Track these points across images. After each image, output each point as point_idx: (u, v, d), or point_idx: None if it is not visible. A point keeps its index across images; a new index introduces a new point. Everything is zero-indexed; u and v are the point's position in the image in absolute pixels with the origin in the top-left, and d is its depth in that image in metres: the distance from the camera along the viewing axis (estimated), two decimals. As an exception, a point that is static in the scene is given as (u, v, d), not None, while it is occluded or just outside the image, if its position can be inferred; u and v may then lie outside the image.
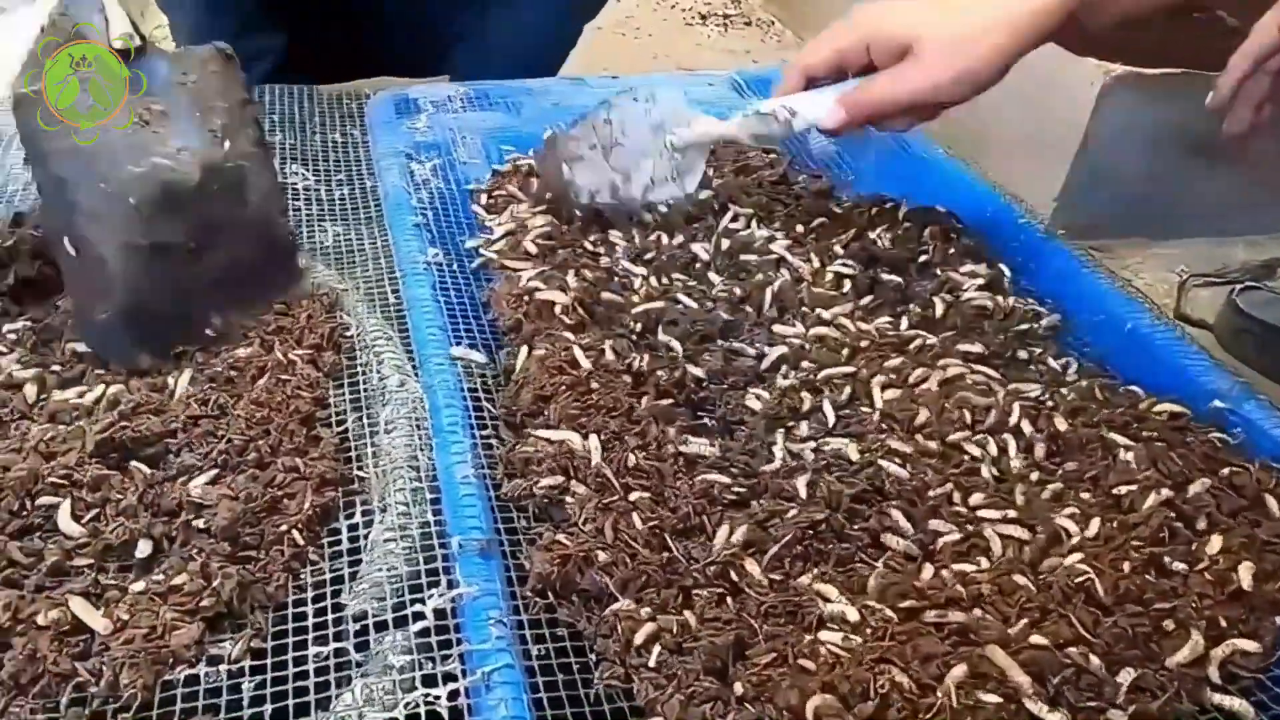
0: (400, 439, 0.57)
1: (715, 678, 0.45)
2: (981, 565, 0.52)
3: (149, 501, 0.52)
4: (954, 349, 0.67)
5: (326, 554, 0.51)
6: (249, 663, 0.45)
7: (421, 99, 0.96)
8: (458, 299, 0.71)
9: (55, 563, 0.48)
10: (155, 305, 0.61)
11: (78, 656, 0.44)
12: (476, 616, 0.47)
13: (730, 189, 0.83)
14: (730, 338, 0.68)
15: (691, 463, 0.56)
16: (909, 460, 0.58)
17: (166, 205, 0.60)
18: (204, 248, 0.62)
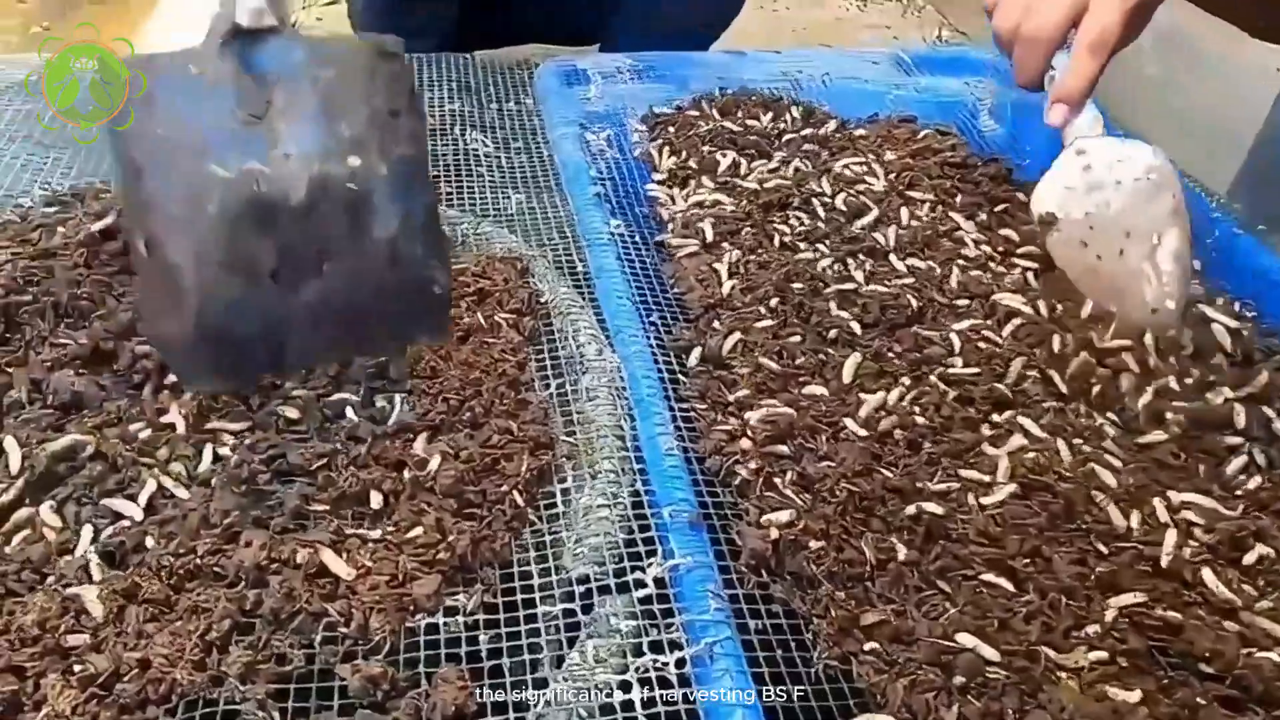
0: (603, 407, 0.58)
1: (940, 670, 0.45)
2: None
3: (376, 454, 0.54)
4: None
5: (544, 516, 0.53)
6: (483, 616, 0.47)
7: (590, 69, 0.97)
8: (642, 270, 0.72)
9: (296, 507, 0.51)
10: (237, 330, 0.53)
11: (326, 598, 0.46)
12: (694, 588, 0.48)
13: (912, 172, 0.82)
14: (919, 324, 0.67)
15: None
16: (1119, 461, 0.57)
17: (255, 221, 0.51)
18: (302, 278, 0.53)
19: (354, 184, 0.53)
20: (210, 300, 0.52)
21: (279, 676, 0.44)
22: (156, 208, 0.52)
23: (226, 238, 0.51)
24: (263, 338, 0.54)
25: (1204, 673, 0.46)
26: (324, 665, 0.44)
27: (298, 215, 0.51)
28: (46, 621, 0.44)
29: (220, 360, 0.54)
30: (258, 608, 0.46)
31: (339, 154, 0.53)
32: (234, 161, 0.51)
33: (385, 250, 0.55)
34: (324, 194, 0.52)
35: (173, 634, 0.44)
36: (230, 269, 0.51)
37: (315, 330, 0.55)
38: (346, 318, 0.55)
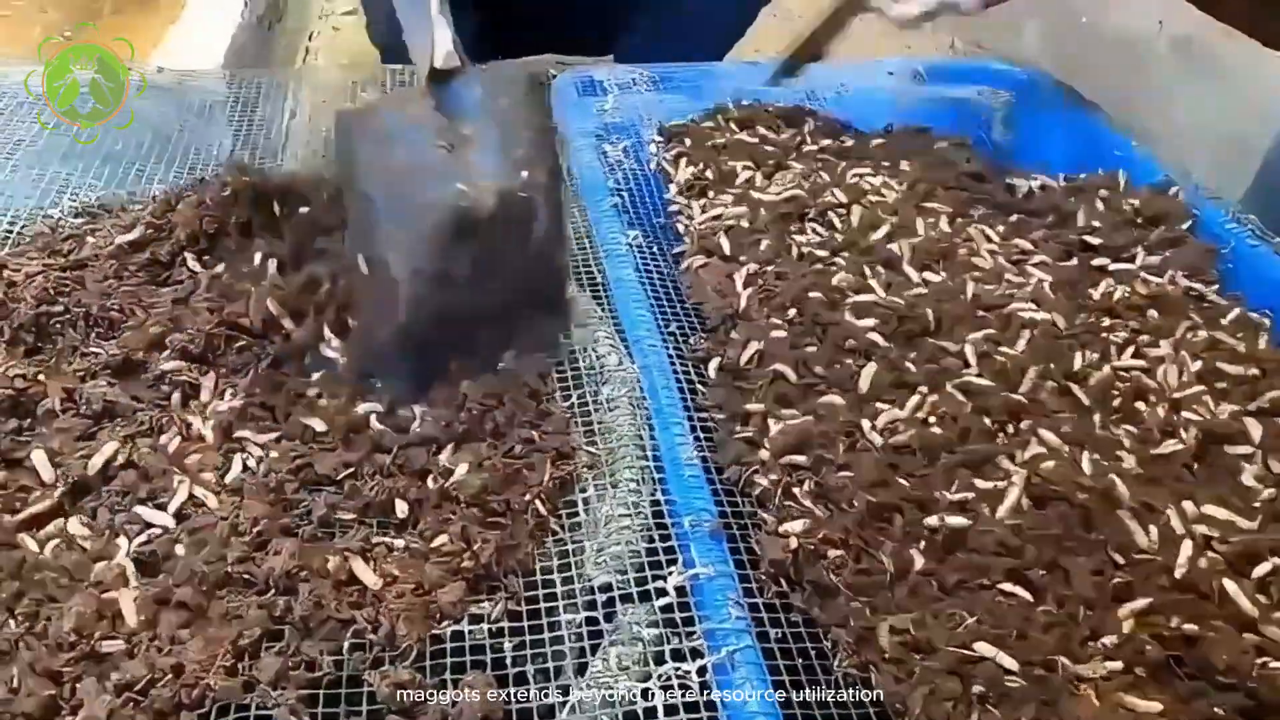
0: (623, 417, 0.59)
1: (959, 679, 0.46)
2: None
3: (401, 464, 0.55)
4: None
5: (566, 524, 0.54)
6: (507, 624, 0.48)
7: (606, 80, 0.98)
8: (660, 281, 0.72)
9: (323, 516, 0.52)
10: (434, 334, 0.60)
11: (354, 606, 0.47)
12: (714, 596, 0.49)
13: (928, 183, 0.82)
14: (936, 335, 0.67)
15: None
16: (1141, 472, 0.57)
17: (458, 234, 0.58)
18: (486, 279, 0.60)
19: (524, 193, 0.60)
20: (417, 308, 0.59)
21: (309, 683, 0.45)
22: (381, 231, 0.60)
23: (436, 251, 0.58)
24: (451, 340, 0.61)
25: (1221, 683, 0.47)
26: (353, 672, 0.45)
27: (487, 226, 0.58)
28: (82, 628, 0.45)
29: (417, 364, 0.60)
30: (288, 615, 0.47)
31: (514, 170, 0.61)
32: (439, 186, 0.58)
33: (540, 250, 0.62)
34: (506, 205, 0.59)
35: (205, 640, 0.45)
36: (436, 279, 0.59)
37: (488, 330, 0.62)
38: (509, 315, 0.62)
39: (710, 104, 0.94)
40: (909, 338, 0.67)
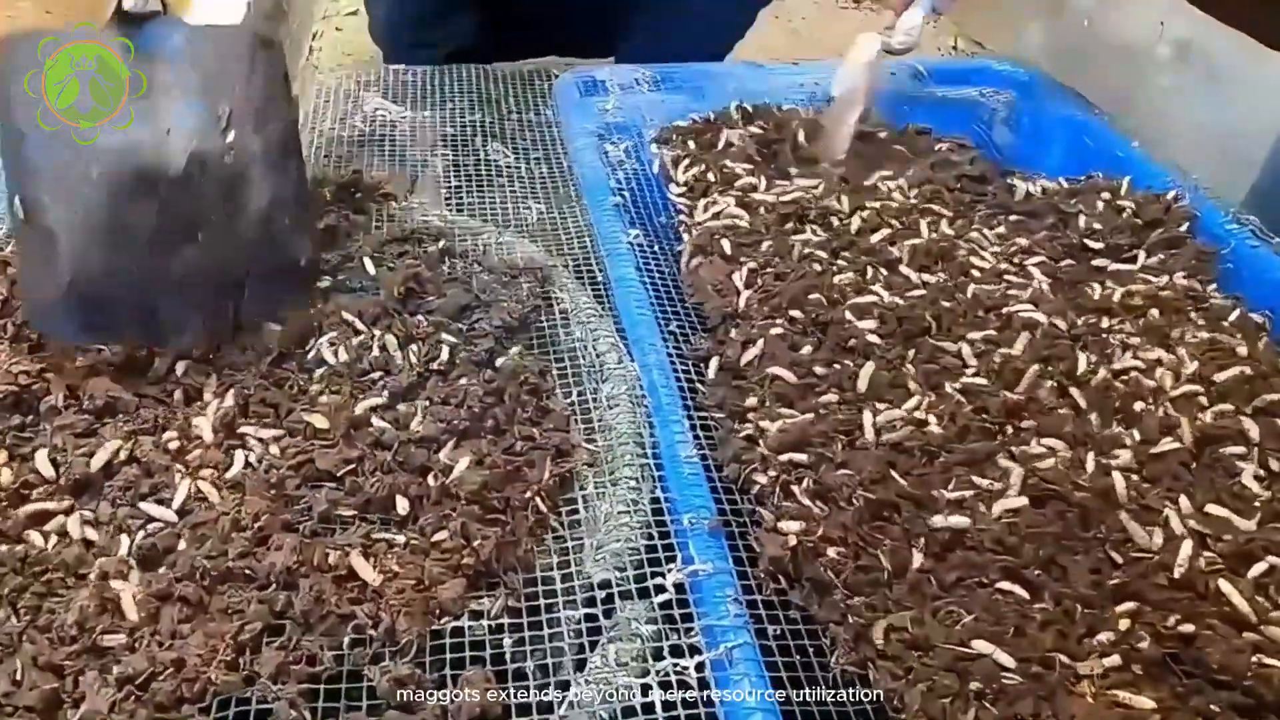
0: (623, 415, 0.59)
1: (956, 676, 0.46)
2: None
3: (401, 460, 0.55)
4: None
5: (565, 522, 0.54)
6: (507, 620, 0.48)
7: (608, 80, 0.98)
8: (660, 280, 0.73)
9: (324, 512, 0.52)
10: (110, 292, 0.56)
11: (354, 601, 0.48)
12: (713, 593, 0.49)
13: (930, 184, 0.82)
14: (936, 335, 0.68)
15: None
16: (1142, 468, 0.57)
17: (137, 189, 0.54)
18: (177, 242, 0.56)
19: (229, 159, 0.56)
20: (84, 264, 0.54)
21: (309, 677, 0.45)
22: (37, 173, 0.55)
23: (104, 205, 0.54)
24: (135, 301, 0.57)
25: (1218, 681, 0.47)
26: (353, 667, 0.46)
27: (175, 186, 0.54)
28: (85, 622, 0.46)
29: (90, 319, 0.57)
30: (288, 610, 0.47)
31: (216, 131, 0.56)
32: (116, 132, 0.54)
33: (256, 223, 0.58)
34: (201, 168, 0.55)
35: (206, 634, 0.45)
36: (106, 234, 0.54)
37: (188, 295, 0.58)
38: (218, 285, 0.58)
39: (711, 104, 0.94)
40: (908, 338, 0.67)
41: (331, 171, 0.80)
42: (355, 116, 0.91)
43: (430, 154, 0.87)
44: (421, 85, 0.97)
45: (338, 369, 0.61)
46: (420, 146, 0.88)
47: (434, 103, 0.94)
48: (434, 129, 0.91)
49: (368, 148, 0.88)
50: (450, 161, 0.86)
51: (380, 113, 0.92)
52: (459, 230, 0.75)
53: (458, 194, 0.82)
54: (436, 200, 0.81)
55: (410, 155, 0.87)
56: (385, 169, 0.84)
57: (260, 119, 0.58)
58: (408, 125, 0.91)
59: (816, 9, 1.77)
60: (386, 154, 0.87)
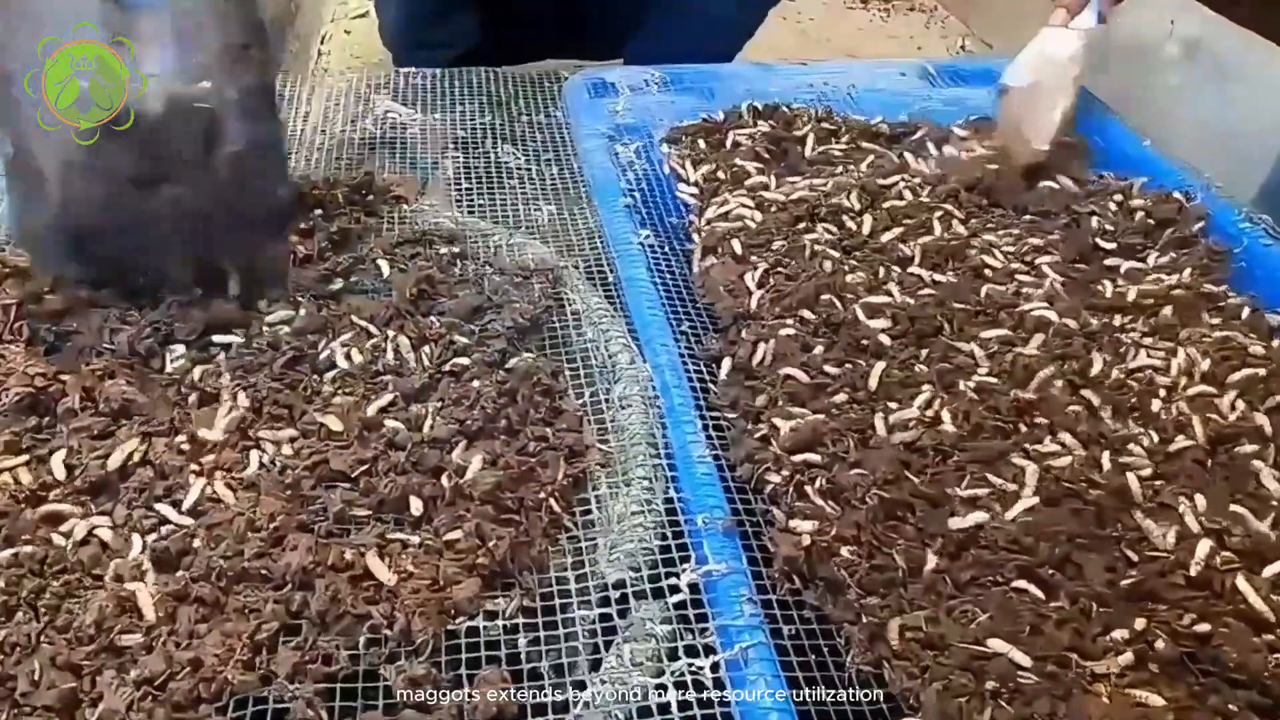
0: (636, 415, 0.59)
1: (972, 675, 0.46)
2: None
3: (415, 461, 0.55)
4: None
5: (579, 522, 0.54)
6: (522, 620, 0.48)
7: (618, 82, 0.98)
8: (671, 281, 0.73)
9: (339, 512, 0.52)
10: (98, 226, 0.60)
11: (370, 601, 0.48)
12: (728, 593, 0.49)
13: (940, 183, 0.82)
14: (948, 334, 0.67)
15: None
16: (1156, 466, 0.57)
17: (116, 131, 0.57)
18: (157, 183, 0.59)
19: (201, 103, 0.59)
20: (72, 201, 0.58)
21: (325, 677, 0.45)
22: (22, 114, 0.58)
23: (88, 146, 0.57)
24: (123, 234, 0.60)
25: (1235, 680, 0.47)
26: (369, 666, 0.46)
27: (155, 128, 0.58)
28: (102, 622, 0.46)
29: (81, 252, 0.60)
30: (304, 610, 0.47)
31: (193, 77, 0.59)
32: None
33: (232, 165, 0.61)
34: (178, 112, 0.58)
35: (223, 634, 0.46)
36: (90, 173, 0.58)
37: (171, 232, 0.61)
38: (199, 224, 0.62)
39: (721, 104, 0.94)
40: (921, 337, 0.67)
41: (343, 174, 0.81)
42: (366, 119, 0.91)
43: (441, 156, 0.87)
44: (431, 88, 0.98)
45: (351, 370, 0.61)
46: (431, 149, 0.88)
47: (444, 105, 0.95)
48: (444, 131, 0.91)
49: (379, 150, 0.88)
50: (461, 164, 0.86)
51: (391, 115, 0.92)
52: (470, 232, 0.76)
53: (469, 196, 0.82)
54: (448, 202, 0.81)
55: (421, 158, 0.87)
56: (396, 171, 0.84)
57: (232, 64, 0.61)
58: (418, 128, 0.91)
59: (824, 9, 1.77)
60: (397, 157, 0.87)
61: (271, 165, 0.65)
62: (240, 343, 0.63)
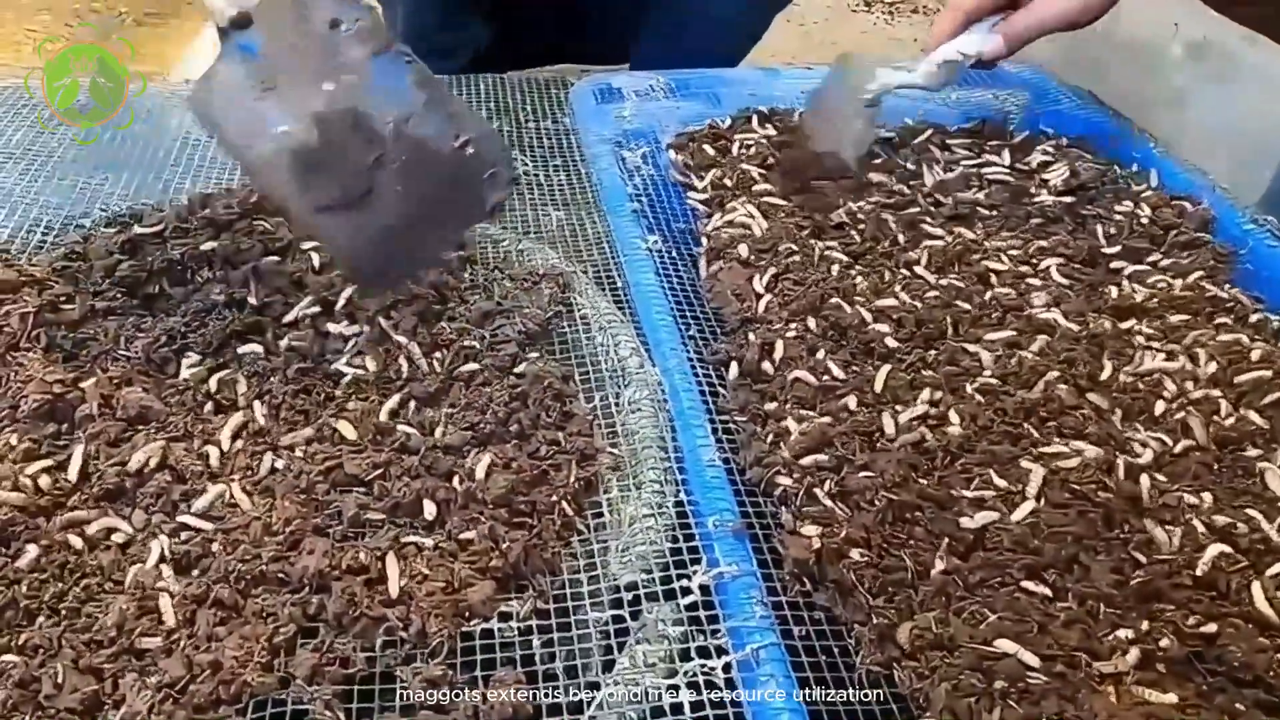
0: (646, 419, 0.60)
1: (981, 675, 0.47)
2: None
3: (428, 465, 0.56)
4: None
5: (591, 525, 0.55)
6: (535, 622, 0.49)
7: (624, 87, 0.99)
8: (679, 285, 0.73)
9: (354, 516, 0.53)
10: (373, 257, 0.61)
11: (385, 604, 0.48)
12: (739, 595, 0.50)
13: (950, 185, 0.83)
14: (955, 337, 0.68)
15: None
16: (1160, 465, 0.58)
17: (305, 170, 0.58)
18: (366, 196, 0.60)
19: (340, 106, 0.59)
20: (337, 245, 0.61)
21: (343, 679, 0.46)
22: (265, 176, 0.60)
23: (307, 194, 0.59)
24: (392, 255, 0.62)
25: (1241, 680, 0.47)
26: (385, 668, 0.46)
27: (324, 154, 0.59)
28: (123, 625, 0.47)
29: (382, 276, 0.63)
30: (321, 612, 0.48)
31: (322, 94, 0.59)
32: (267, 138, 0.58)
33: (416, 147, 0.60)
34: (327, 127, 0.59)
35: (241, 637, 0.46)
36: (324, 214, 0.59)
37: (419, 232, 0.62)
38: (429, 212, 0.62)
39: (727, 109, 0.95)
40: (928, 340, 0.67)
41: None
42: (375, 126, 0.92)
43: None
44: (440, 94, 0.98)
45: (364, 376, 0.62)
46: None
47: (452, 112, 0.95)
48: (453, 138, 0.92)
49: (388, 157, 0.89)
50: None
51: (400, 122, 0.93)
52: (480, 238, 0.76)
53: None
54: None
55: (430, 164, 0.88)
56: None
57: (339, 60, 0.60)
58: (426, 134, 0.92)
59: (830, 12, 1.77)
60: (406, 163, 0.88)
61: (448, 129, 0.63)
62: (258, 352, 0.63)
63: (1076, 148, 0.91)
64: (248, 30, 0.60)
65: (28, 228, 0.74)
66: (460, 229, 0.69)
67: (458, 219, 0.65)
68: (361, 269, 0.62)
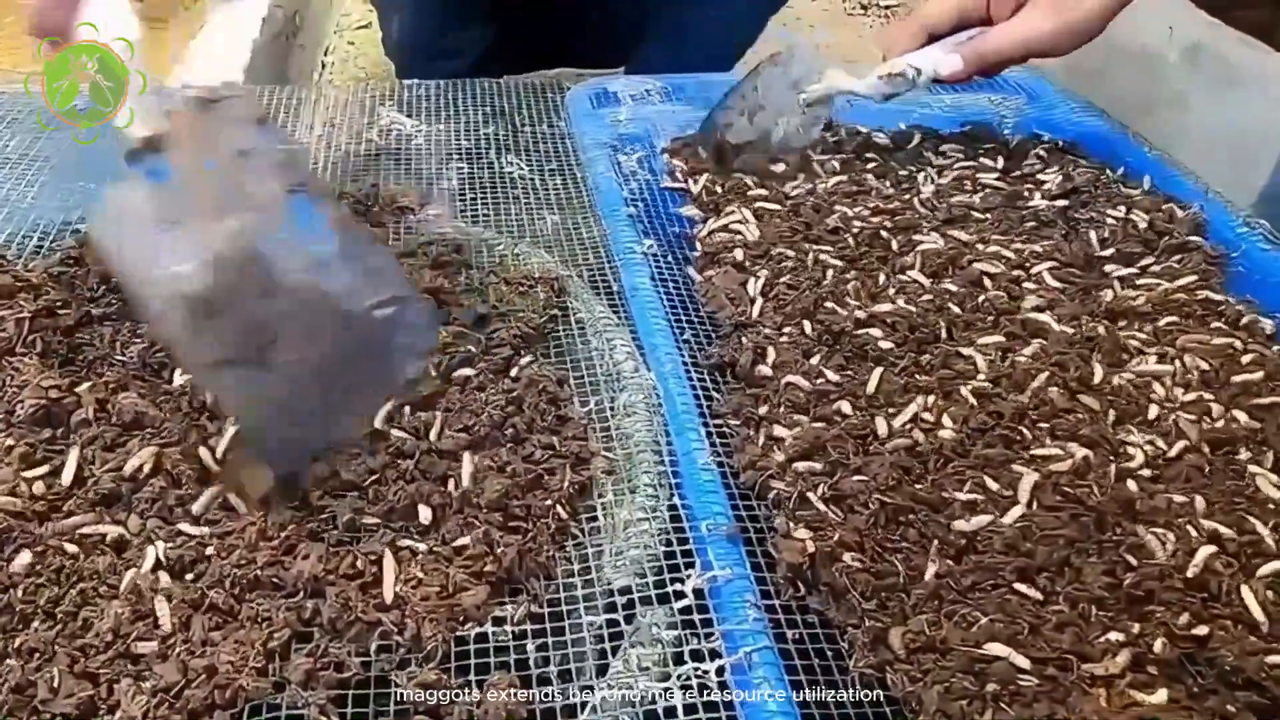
0: (640, 423, 0.60)
1: (973, 678, 0.47)
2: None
3: (423, 469, 0.56)
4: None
5: (585, 529, 0.55)
6: (530, 626, 0.49)
7: (620, 91, 0.99)
8: (674, 289, 0.74)
9: (348, 521, 0.53)
10: (276, 424, 0.55)
11: (380, 608, 0.49)
12: (732, 599, 0.50)
13: (944, 189, 0.83)
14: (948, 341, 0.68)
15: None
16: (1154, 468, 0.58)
17: (201, 315, 0.52)
18: (267, 351, 0.53)
19: (242, 243, 0.53)
20: (231, 395, 0.54)
21: (338, 683, 0.46)
22: (158, 317, 0.54)
23: (200, 341, 0.53)
24: (294, 413, 0.55)
25: (1233, 681, 0.47)
26: (380, 673, 0.47)
27: (227, 297, 0.52)
28: (119, 629, 0.47)
29: (285, 447, 0.55)
30: (316, 617, 0.48)
31: (226, 233, 0.53)
32: (161, 280, 0.52)
33: (359, 318, 0.55)
34: (225, 271, 0.53)
35: (237, 642, 0.46)
36: (219, 369, 0.53)
37: (325, 399, 0.55)
38: (334, 383, 0.55)
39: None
40: (921, 344, 0.68)
41: (349, 185, 0.82)
42: (371, 131, 0.93)
43: (445, 167, 0.88)
44: (435, 99, 0.99)
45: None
46: (435, 160, 0.89)
47: (448, 116, 0.96)
48: (448, 142, 0.92)
49: (383, 162, 0.89)
50: (465, 174, 0.87)
51: (395, 127, 0.93)
52: (475, 242, 0.77)
53: (473, 206, 0.83)
54: (452, 212, 0.82)
55: (425, 169, 0.88)
56: (401, 183, 0.85)
57: (257, 192, 0.55)
58: (422, 139, 0.92)
59: (825, 16, 1.78)
60: (402, 168, 0.88)
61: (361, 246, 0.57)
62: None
63: (1070, 152, 0.92)
64: (160, 155, 0.55)
65: (24, 233, 0.74)
66: (369, 405, 0.58)
67: (365, 393, 0.56)
68: (263, 437, 0.54)
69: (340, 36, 1.74)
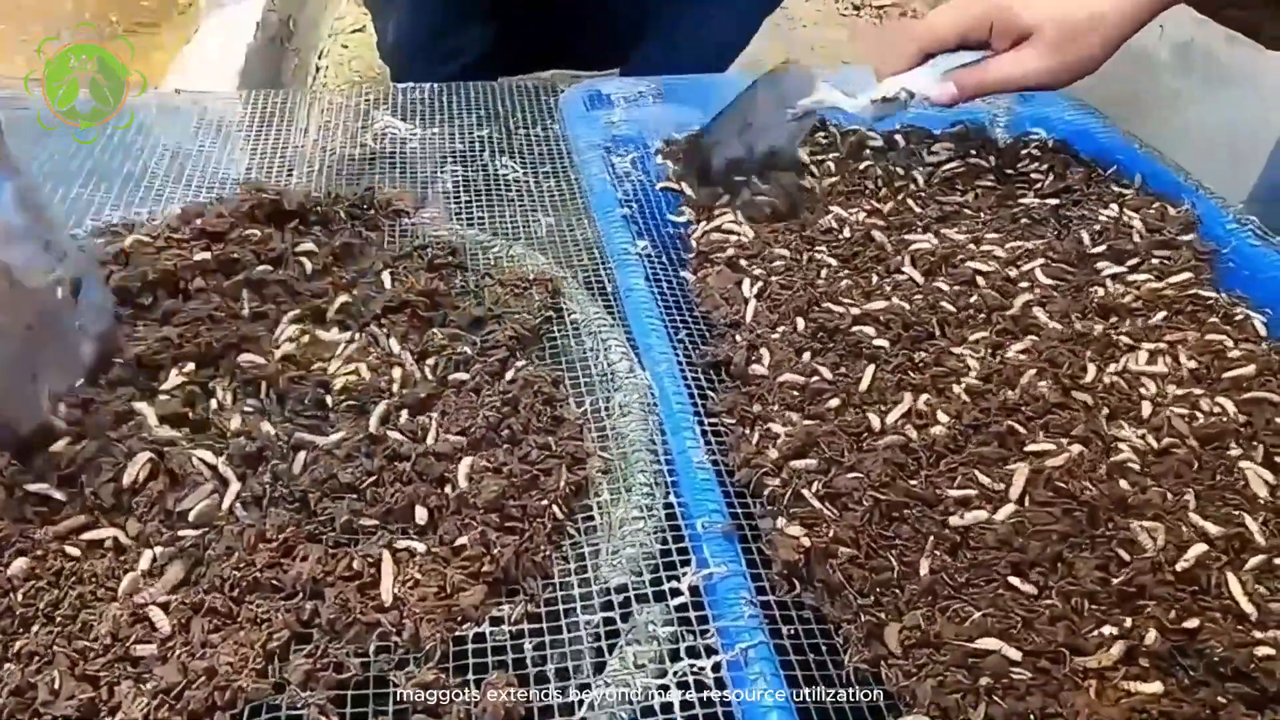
0: (635, 423, 0.60)
1: (966, 672, 0.47)
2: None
3: (420, 471, 0.56)
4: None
5: (581, 528, 0.55)
6: (527, 625, 0.49)
7: (613, 94, 1.00)
8: (669, 290, 0.74)
9: (346, 523, 0.53)
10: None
11: (378, 609, 0.49)
12: (728, 596, 0.51)
13: (937, 188, 0.84)
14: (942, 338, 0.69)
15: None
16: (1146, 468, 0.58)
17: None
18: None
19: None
20: None
21: (337, 684, 0.46)
22: None
23: None
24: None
25: (1222, 673, 0.48)
26: (379, 673, 0.47)
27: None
28: (118, 632, 0.47)
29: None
30: (315, 618, 0.48)
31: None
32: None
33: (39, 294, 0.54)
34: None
35: (236, 644, 0.47)
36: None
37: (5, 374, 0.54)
38: (13, 360, 0.54)
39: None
40: (914, 342, 0.68)
41: (344, 189, 0.82)
42: (365, 134, 0.93)
43: (440, 170, 0.89)
44: (429, 102, 0.99)
45: (356, 383, 0.62)
46: (430, 163, 0.90)
47: (442, 119, 0.96)
48: (443, 145, 0.93)
49: (378, 165, 0.90)
50: (460, 177, 0.88)
51: (390, 130, 0.94)
52: (470, 244, 0.77)
53: (468, 208, 0.84)
54: (447, 215, 0.82)
55: (420, 171, 0.89)
56: (396, 185, 0.85)
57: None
58: (417, 142, 0.93)
59: (819, 16, 1.78)
60: (397, 171, 0.89)
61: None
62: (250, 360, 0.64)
63: (1062, 151, 0.92)
64: None
65: (20, 239, 0.74)
66: (55, 384, 0.56)
67: (49, 371, 0.54)
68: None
69: (334, 40, 1.74)
